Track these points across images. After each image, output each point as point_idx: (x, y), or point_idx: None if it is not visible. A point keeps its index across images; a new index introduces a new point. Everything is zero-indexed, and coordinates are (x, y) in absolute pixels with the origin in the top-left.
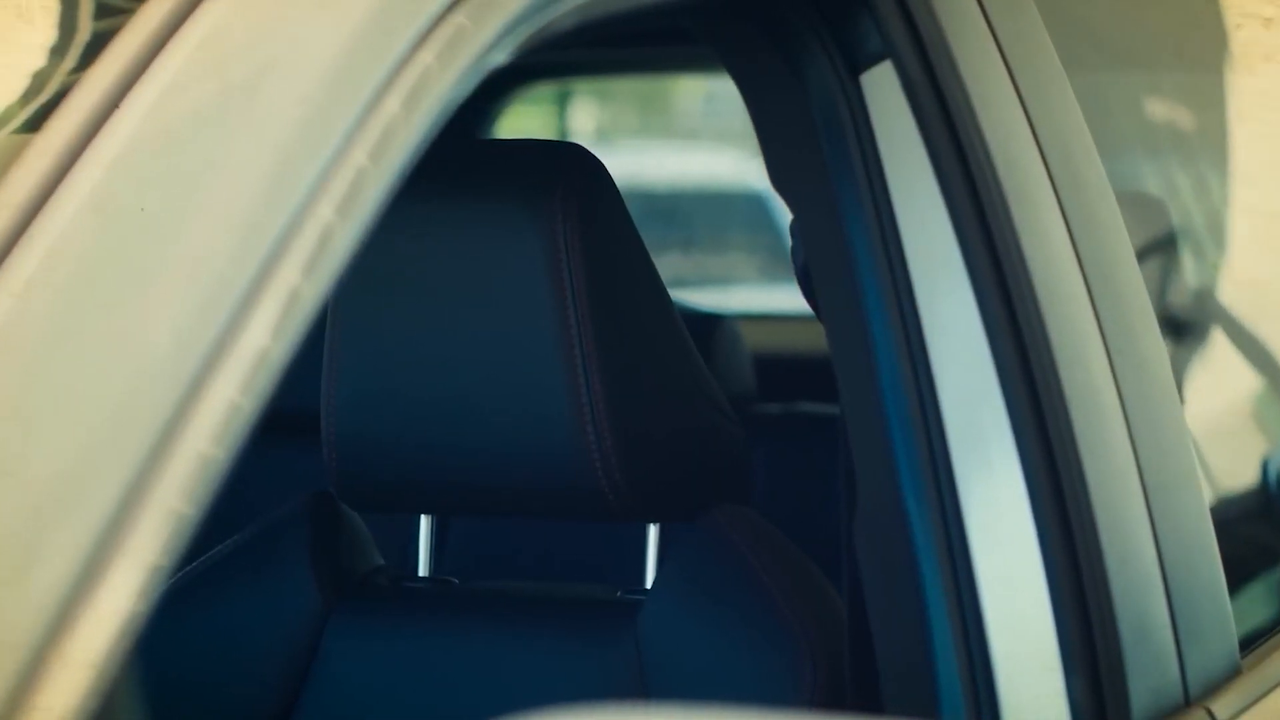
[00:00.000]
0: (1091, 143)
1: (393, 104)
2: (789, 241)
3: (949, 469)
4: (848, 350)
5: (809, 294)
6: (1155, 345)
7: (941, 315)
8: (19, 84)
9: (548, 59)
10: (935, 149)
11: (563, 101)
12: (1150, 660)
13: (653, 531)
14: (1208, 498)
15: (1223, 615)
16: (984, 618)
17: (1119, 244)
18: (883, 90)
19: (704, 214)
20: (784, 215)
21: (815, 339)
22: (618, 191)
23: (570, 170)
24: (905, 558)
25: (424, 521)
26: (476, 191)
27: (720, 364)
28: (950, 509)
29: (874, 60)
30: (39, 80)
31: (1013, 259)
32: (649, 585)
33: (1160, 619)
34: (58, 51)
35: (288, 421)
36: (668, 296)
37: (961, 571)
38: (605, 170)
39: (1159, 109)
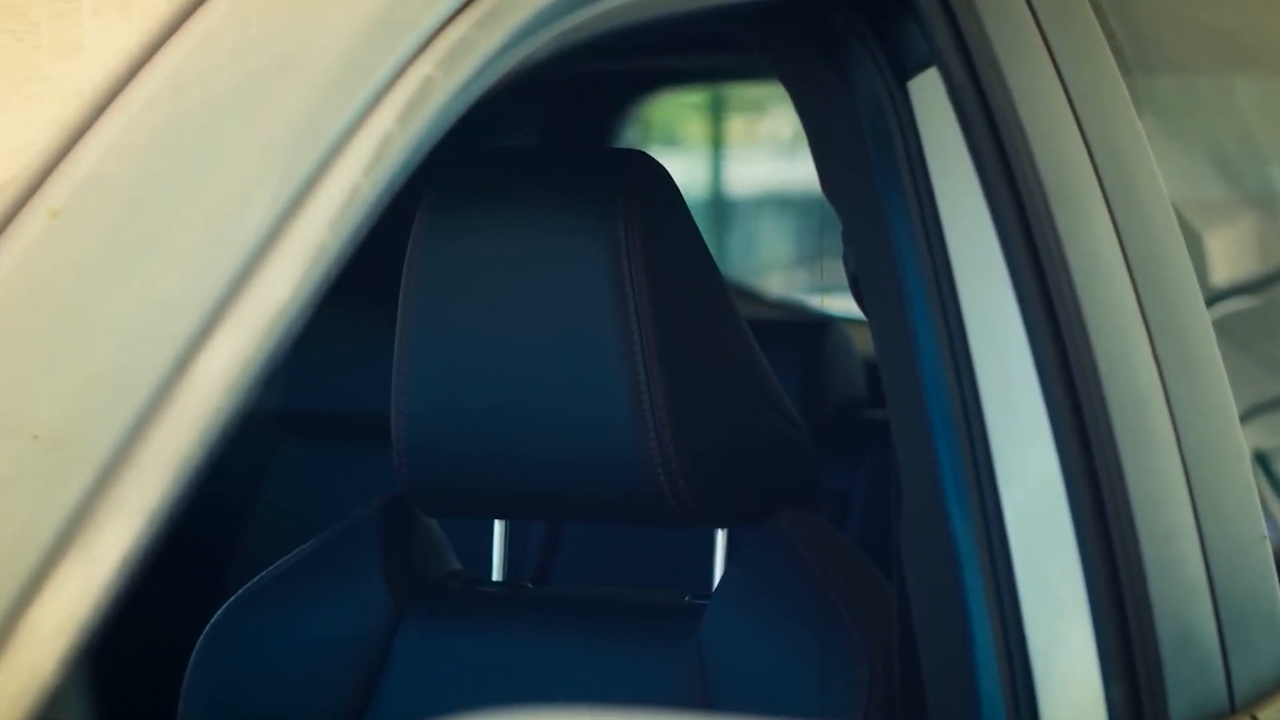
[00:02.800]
0: (1148, 149)
1: (426, 67)
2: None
3: (991, 474)
4: (893, 355)
5: (860, 299)
6: (1208, 352)
7: (985, 322)
8: None
9: (675, 65)
10: (980, 156)
11: (758, 109)
12: (1193, 666)
13: (720, 536)
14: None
15: (1273, 621)
16: (1024, 623)
17: (1173, 252)
18: (930, 97)
19: None
20: None
21: None
22: (682, 197)
23: (633, 176)
24: (948, 562)
25: (498, 526)
26: (540, 199)
27: (829, 368)
28: (992, 514)
29: (921, 67)
30: None
31: (1056, 267)
32: None
33: (1205, 625)
34: None
35: (361, 426)
36: (732, 302)
37: (1002, 577)
38: (669, 176)
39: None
